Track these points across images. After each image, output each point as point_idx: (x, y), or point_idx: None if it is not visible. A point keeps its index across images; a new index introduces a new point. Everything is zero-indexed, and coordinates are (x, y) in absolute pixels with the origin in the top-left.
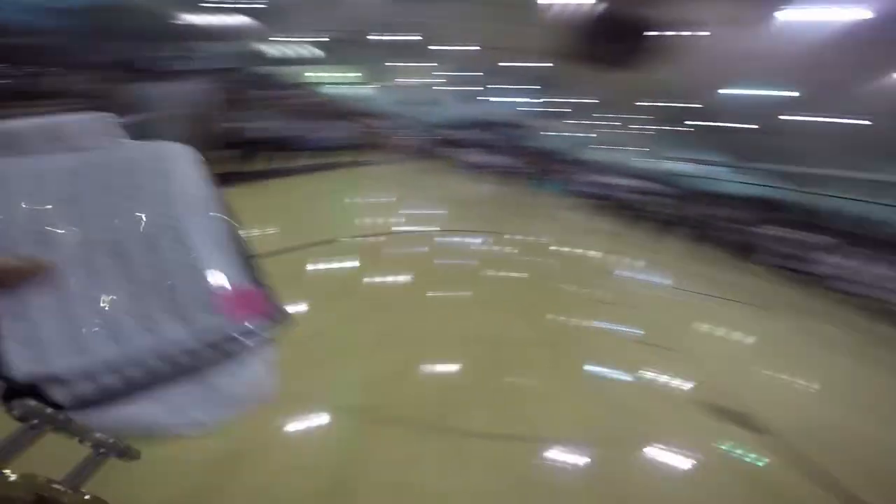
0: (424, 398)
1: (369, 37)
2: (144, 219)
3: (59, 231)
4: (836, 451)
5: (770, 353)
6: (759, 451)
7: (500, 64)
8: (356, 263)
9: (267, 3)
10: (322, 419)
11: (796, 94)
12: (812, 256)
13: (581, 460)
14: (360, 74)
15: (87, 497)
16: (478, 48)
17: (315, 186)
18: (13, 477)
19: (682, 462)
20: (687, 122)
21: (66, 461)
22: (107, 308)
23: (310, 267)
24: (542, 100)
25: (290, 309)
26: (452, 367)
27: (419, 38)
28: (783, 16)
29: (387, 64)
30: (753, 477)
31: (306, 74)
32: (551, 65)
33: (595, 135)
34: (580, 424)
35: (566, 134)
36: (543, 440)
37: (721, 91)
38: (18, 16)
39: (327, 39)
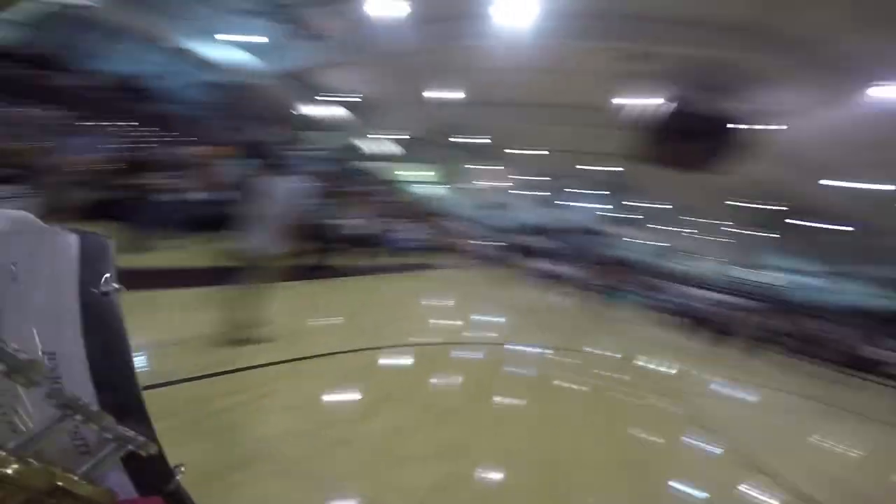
0: None
1: (448, 137)
2: None
3: None
4: None
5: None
6: None
7: (576, 167)
8: (422, 369)
9: (360, 98)
10: None
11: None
12: None
13: None
14: (436, 174)
15: (99, 489)
16: (549, 152)
17: (388, 287)
18: (35, 464)
19: None
20: (772, 227)
21: None
22: None
23: (378, 365)
24: (617, 205)
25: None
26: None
27: (489, 140)
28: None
29: (463, 165)
30: None
31: (389, 171)
32: (625, 169)
33: (673, 243)
34: None
35: (643, 242)
36: None
37: (809, 188)
38: (172, 84)
39: (408, 137)
